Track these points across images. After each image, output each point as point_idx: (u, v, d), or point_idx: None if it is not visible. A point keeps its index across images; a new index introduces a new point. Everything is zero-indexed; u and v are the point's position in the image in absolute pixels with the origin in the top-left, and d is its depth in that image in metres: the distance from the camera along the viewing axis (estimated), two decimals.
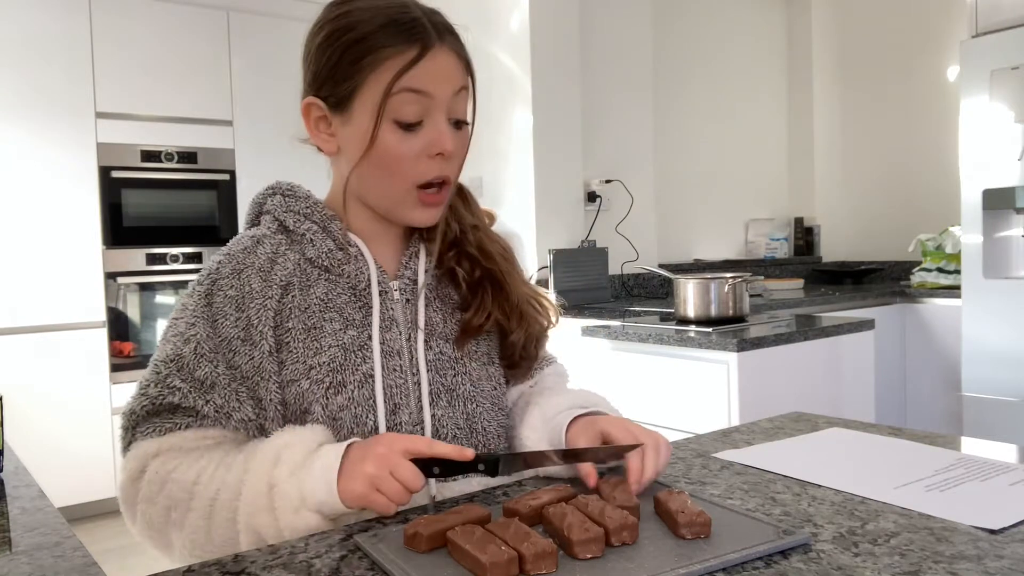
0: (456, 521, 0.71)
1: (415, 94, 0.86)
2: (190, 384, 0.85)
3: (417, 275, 0.96)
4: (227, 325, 0.87)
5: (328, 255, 0.91)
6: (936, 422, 3.23)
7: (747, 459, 0.99)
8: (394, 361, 0.91)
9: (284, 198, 0.95)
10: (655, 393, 2.29)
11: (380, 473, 0.77)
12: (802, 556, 0.68)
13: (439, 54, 0.87)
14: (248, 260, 0.90)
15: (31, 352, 3.32)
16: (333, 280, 0.92)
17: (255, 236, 0.93)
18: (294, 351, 0.88)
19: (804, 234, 4.29)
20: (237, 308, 0.87)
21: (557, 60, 3.07)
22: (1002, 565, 0.65)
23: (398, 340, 0.92)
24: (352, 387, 0.88)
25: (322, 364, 0.87)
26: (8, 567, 0.68)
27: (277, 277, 0.89)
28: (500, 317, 0.98)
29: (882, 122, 4.12)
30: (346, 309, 0.91)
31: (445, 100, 0.88)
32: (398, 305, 0.94)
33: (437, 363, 0.94)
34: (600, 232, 3.22)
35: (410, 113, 0.86)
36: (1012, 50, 2.73)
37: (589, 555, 0.67)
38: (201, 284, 0.90)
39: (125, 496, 0.86)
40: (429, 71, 0.86)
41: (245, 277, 0.89)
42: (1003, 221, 2.85)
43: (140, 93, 3.58)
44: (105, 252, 3.50)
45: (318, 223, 0.93)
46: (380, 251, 0.95)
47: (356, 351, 0.89)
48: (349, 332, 0.90)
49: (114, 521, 3.44)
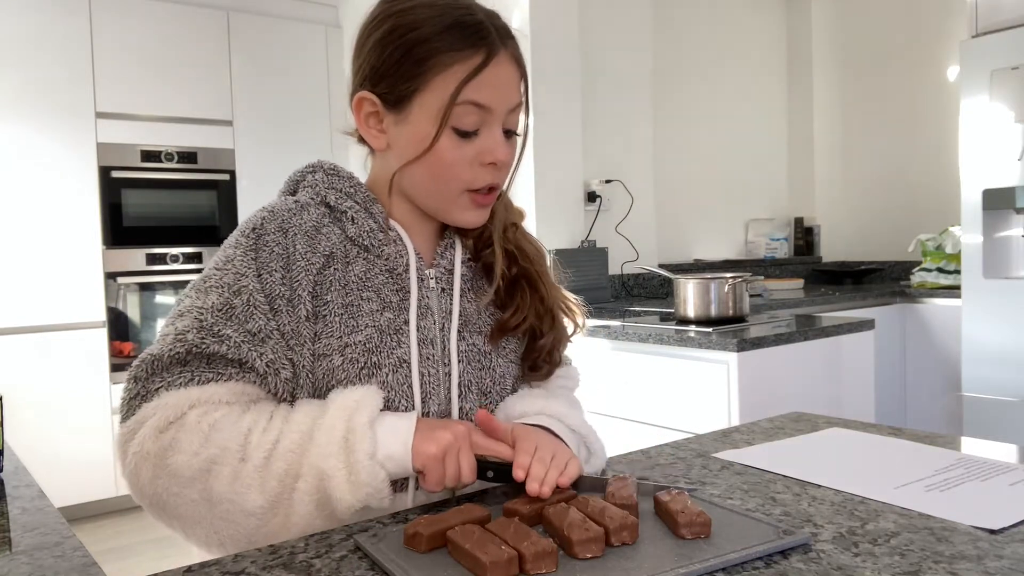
0: (456, 521, 0.71)
1: (476, 107, 0.86)
2: (242, 335, 0.81)
3: (453, 265, 0.96)
4: (273, 282, 0.85)
5: (369, 234, 0.91)
6: (936, 422, 3.23)
7: (747, 459, 0.99)
8: (427, 349, 0.90)
9: (327, 175, 0.94)
10: (655, 393, 2.29)
11: (454, 447, 0.80)
12: (802, 556, 0.68)
13: (502, 61, 0.88)
14: (294, 221, 0.88)
15: (31, 352, 3.32)
16: (372, 260, 0.91)
17: (299, 201, 0.91)
18: (330, 325, 0.86)
19: (804, 234, 4.29)
20: (283, 267, 0.85)
21: (557, 60, 3.07)
22: (1002, 565, 0.65)
23: (432, 329, 0.92)
24: (387, 371, 0.87)
25: (358, 343, 0.86)
26: (8, 567, 0.68)
27: (321, 246, 0.88)
28: (534, 320, 0.98)
29: (882, 122, 4.12)
30: (383, 290, 0.90)
31: (503, 114, 0.89)
32: (433, 294, 0.94)
33: (469, 355, 0.94)
34: (600, 232, 3.22)
35: (469, 123, 0.87)
36: (1012, 50, 2.73)
37: (589, 555, 0.67)
38: (247, 236, 0.87)
39: (146, 450, 0.76)
40: (492, 82, 0.87)
41: (291, 237, 0.87)
42: (1003, 221, 2.85)
43: (140, 93, 3.58)
44: (105, 252, 3.50)
45: (360, 203, 0.92)
46: (417, 241, 0.95)
47: (392, 334, 0.88)
48: (386, 314, 0.89)
49: (114, 521, 3.44)
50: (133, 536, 3.23)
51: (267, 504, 0.78)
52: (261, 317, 0.83)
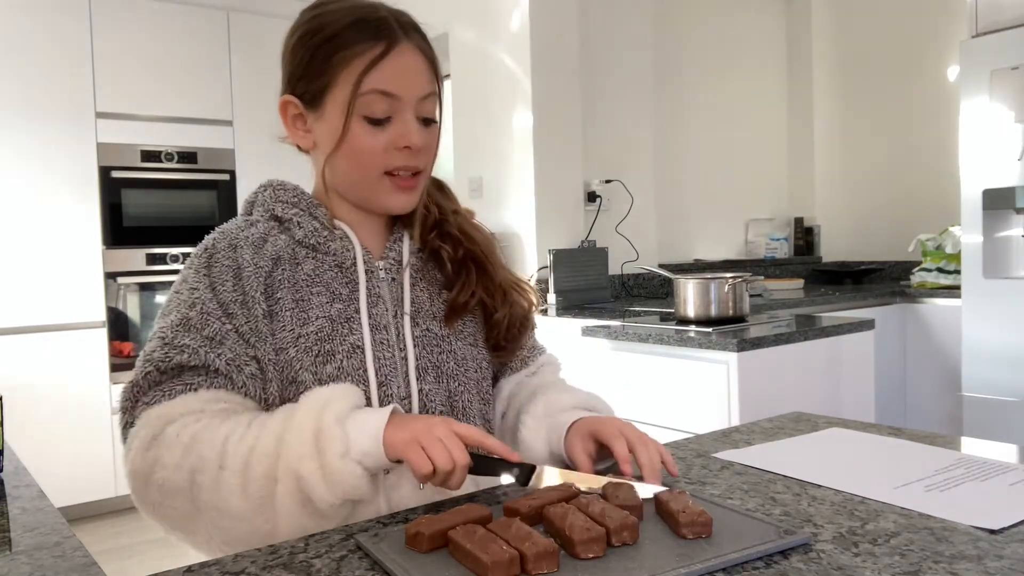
0: (457, 520, 0.71)
1: (383, 95, 0.91)
2: (199, 341, 0.87)
3: (402, 256, 1.00)
4: (225, 291, 0.90)
5: (314, 234, 0.96)
6: (936, 422, 3.23)
7: (747, 459, 0.99)
8: (381, 335, 0.95)
9: (274, 191, 1.00)
10: (655, 393, 2.29)
11: (429, 433, 0.80)
12: (802, 556, 0.68)
13: (404, 52, 0.92)
14: (242, 235, 0.95)
15: (31, 352, 3.32)
16: (320, 258, 0.96)
17: (248, 219, 0.99)
18: (283, 320, 0.91)
19: (804, 234, 4.29)
20: (234, 276, 0.91)
21: (557, 60, 3.07)
22: (1002, 565, 0.65)
23: (384, 316, 0.96)
24: (341, 356, 0.91)
25: (310, 334, 0.91)
26: (8, 567, 0.68)
27: (268, 251, 0.93)
28: (484, 296, 1.02)
29: (882, 122, 4.11)
30: (333, 284, 0.95)
31: (412, 101, 0.93)
32: (384, 284, 0.98)
33: (424, 340, 0.98)
34: (600, 232, 3.21)
35: (379, 111, 0.91)
36: (1012, 50, 2.73)
37: (591, 555, 0.67)
38: (199, 257, 0.94)
39: (136, 469, 0.82)
40: (396, 70, 0.91)
41: (239, 249, 0.93)
42: (1003, 221, 2.85)
43: (140, 93, 3.58)
44: (105, 252, 3.50)
45: (304, 209, 0.98)
46: (365, 238, 0.99)
47: (343, 323, 0.93)
48: (336, 305, 0.93)
49: (114, 521, 3.44)
50: (133, 536, 3.23)
51: (252, 508, 0.80)
52: (216, 322, 0.88)
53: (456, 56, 3.34)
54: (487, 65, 3.17)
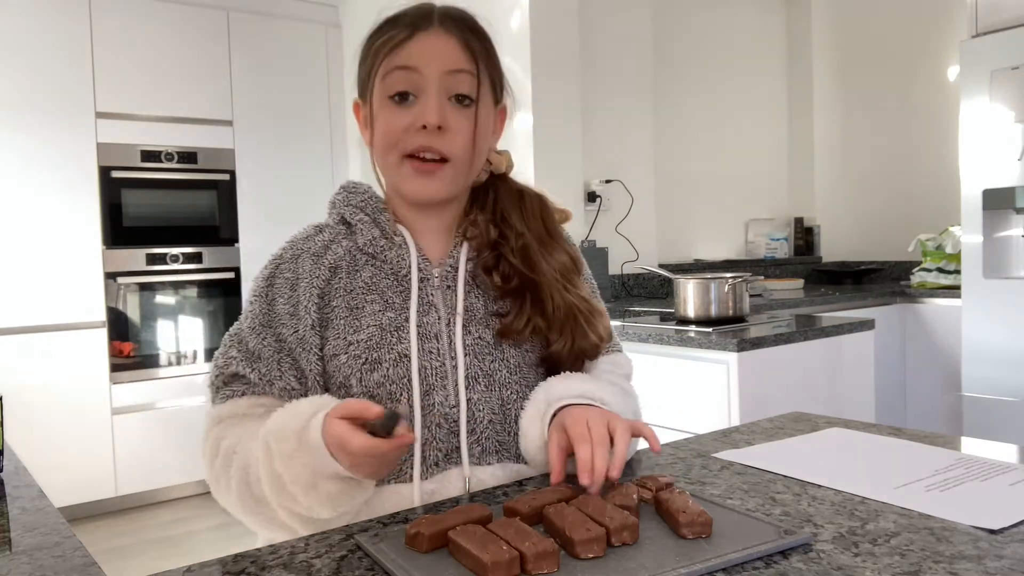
0: (457, 520, 0.71)
1: (403, 71, 0.91)
2: (243, 354, 0.95)
3: (459, 264, 0.99)
4: (281, 303, 0.95)
5: (373, 243, 0.98)
6: (936, 422, 3.22)
7: (747, 459, 0.99)
8: (431, 344, 0.95)
9: (347, 193, 1.02)
10: (655, 393, 2.29)
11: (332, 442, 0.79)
12: (802, 556, 0.68)
13: (432, 35, 0.92)
14: (306, 246, 0.99)
15: (31, 352, 3.32)
16: (378, 266, 0.98)
17: (318, 225, 1.02)
18: (336, 327, 0.94)
19: (804, 234, 4.29)
20: (291, 288, 0.96)
21: (557, 60, 3.07)
22: (1002, 565, 0.65)
23: (436, 324, 0.96)
24: (387, 365, 0.92)
25: (360, 341, 0.93)
26: (8, 567, 0.68)
27: (327, 260, 0.97)
28: (541, 324, 0.98)
29: (882, 122, 4.12)
30: (387, 292, 0.96)
31: (435, 77, 0.91)
32: (438, 291, 0.98)
33: (476, 348, 0.96)
34: (600, 232, 3.21)
35: (399, 85, 0.92)
36: (1012, 50, 2.73)
37: (591, 555, 0.67)
38: (267, 268, 1.00)
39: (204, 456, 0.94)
40: (418, 49, 0.92)
41: (300, 260, 0.97)
42: (1003, 221, 2.85)
43: (140, 93, 3.58)
44: (105, 252, 3.50)
45: (370, 214, 0.99)
46: (428, 243, 1.00)
47: (393, 331, 0.94)
48: (388, 314, 0.95)
49: (114, 521, 3.44)
50: (133, 536, 3.23)
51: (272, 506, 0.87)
52: (256, 337, 0.95)
53: None
54: None
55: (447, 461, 0.93)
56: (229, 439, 0.91)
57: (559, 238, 1.06)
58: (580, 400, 0.92)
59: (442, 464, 0.93)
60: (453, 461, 0.93)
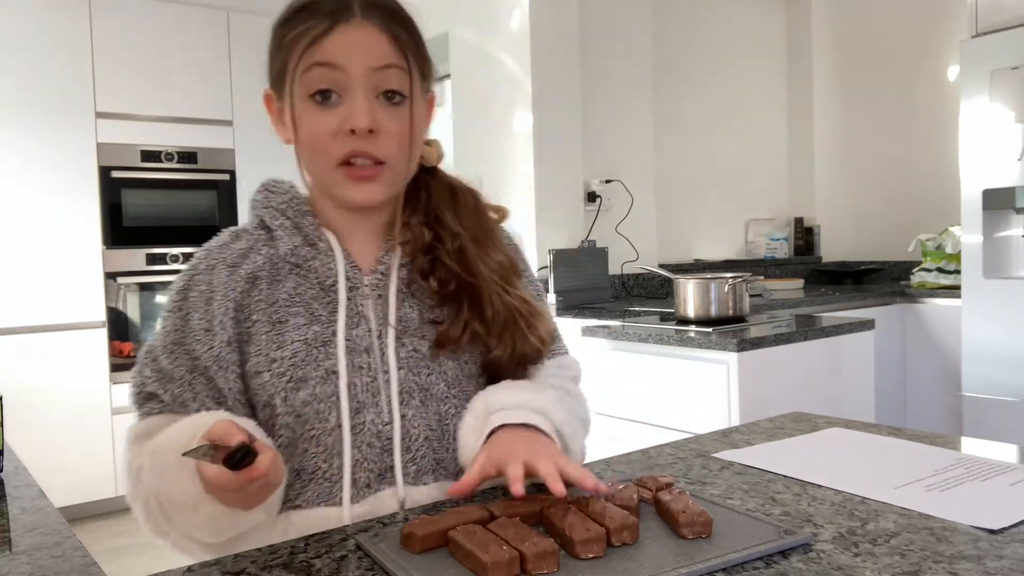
0: (453, 522, 0.71)
1: (326, 67, 0.84)
2: (156, 374, 0.89)
3: (391, 271, 0.93)
4: (196, 318, 0.88)
5: (295, 251, 0.91)
6: (936, 422, 3.22)
7: (747, 459, 0.99)
8: (361, 359, 0.89)
9: (267, 193, 0.95)
10: (655, 393, 2.29)
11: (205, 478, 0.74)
12: (802, 556, 0.68)
13: (355, 28, 0.84)
14: (221, 255, 0.92)
15: (31, 352, 3.32)
16: (302, 275, 0.91)
17: (235, 231, 0.95)
18: (257, 343, 0.88)
19: (804, 234, 4.29)
20: (206, 302, 0.89)
21: (557, 60, 3.06)
22: (1002, 565, 0.65)
23: (367, 337, 0.90)
24: (314, 383, 0.86)
25: (284, 358, 0.87)
26: (8, 567, 0.68)
27: (244, 271, 0.90)
28: (479, 329, 0.92)
29: (882, 122, 4.11)
30: (312, 304, 0.90)
31: (362, 74, 0.84)
32: (369, 301, 0.91)
33: (410, 361, 0.91)
34: (600, 232, 3.21)
35: (321, 84, 0.84)
36: (1012, 50, 2.73)
37: (591, 555, 0.67)
38: (180, 279, 0.93)
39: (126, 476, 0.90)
40: (340, 44, 0.84)
41: (216, 272, 0.90)
42: (1003, 221, 2.85)
43: (140, 93, 3.58)
44: (105, 252, 3.50)
45: (291, 218, 0.92)
46: (356, 247, 0.94)
47: (319, 347, 0.88)
48: (313, 327, 0.89)
49: (114, 521, 3.44)
50: (133, 536, 3.23)
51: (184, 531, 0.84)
52: (168, 356, 0.88)
53: (456, 56, 3.34)
54: (487, 65, 3.17)
55: (380, 482, 0.88)
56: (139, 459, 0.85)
57: (495, 236, 0.99)
58: (520, 409, 0.87)
59: (375, 485, 0.87)
60: (387, 481, 0.88)
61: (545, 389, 0.93)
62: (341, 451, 0.86)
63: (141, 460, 0.84)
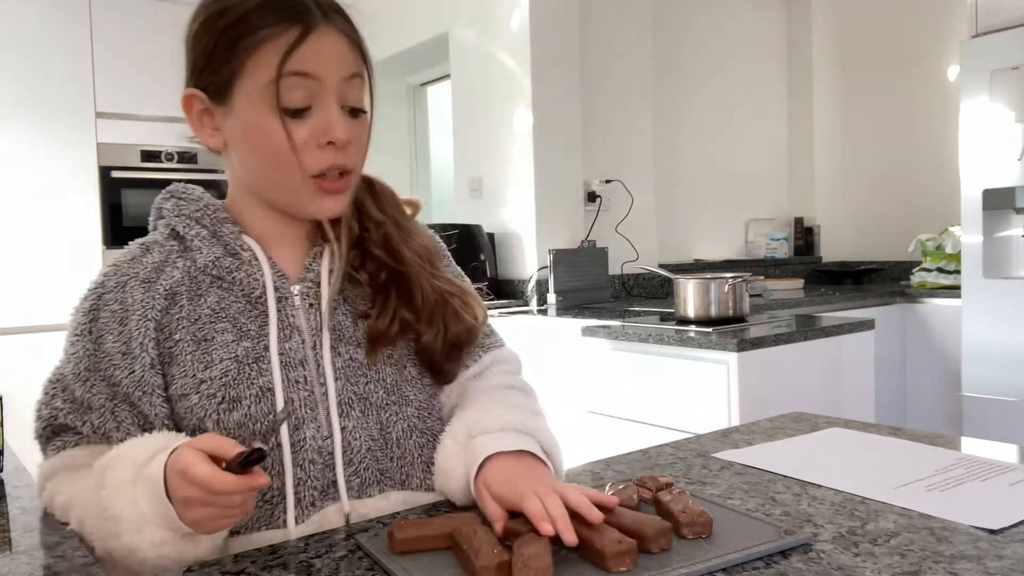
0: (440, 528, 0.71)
1: (301, 78, 0.80)
2: (70, 404, 0.84)
3: (320, 277, 0.89)
4: (110, 341, 0.83)
5: (216, 263, 0.86)
6: (936, 422, 3.22)
7: (747, 459, 0.99)
8: (297, 372, 0.85)
9: (178, 201, 0.90)
10: (655, 393, 2.29)
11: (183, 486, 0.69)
12: (802, 556, 0.68)
13: (325, 35, 0.81)
14: (133, 270, 0.86)
15: (31, 352, 3.31)
16: (226, 288, 0.86)
17: (145, 243, 0.90)
18: (182, 364, 0.82)
19: (804, 234, 4.29)
20: (120, 323, 0.83)
21: (557, 60, 3.06)
22: (1002, 565, 0.65)
23: (301, 349, 0.86)
24: (248, 402, 0.82)
25: (213, 378, 0.82)
26: (8, 567, 0.68)
27: (161, 287, 0.84)
28: (408, 317, 0.89)
29: (882, 122, 4.11)
30: (240, 319, 0.85)
31: (335, 84, 0.82)
32: (300, 311, 0.87)
33: (347, 370, 0.87)
34: (600, 232, 3.21)
35: (297, 98, 0.80)
36: (1012, 50, 2.73)
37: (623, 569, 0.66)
38: (86, 300, 0.86)
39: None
40: (315, 52, 0.80)
41: (128, 289, 0.85)
42: (1003, 221, 2.85)
43: (140, 93, 3.57)
44: (105, 252, 3.49)
45: (208, 227, 0.87)
46: (282, 254, 0.89)
47: (251, 364, 0.83)
48: (243, 343, 0.84)
49: None
50: None
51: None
52: (84, 385, 0.83)
53: (456, 56, 3.34)
54: (487, 65, 3.17)
55: (324, 498, 0.84)
56: (65, 494, 0.80)
57: (414, 223, 0.97)
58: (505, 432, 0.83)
59: (319, 503, 0.83)
60: (331, 497, 0.84)
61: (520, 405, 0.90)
62: (282, 471, 0.82)
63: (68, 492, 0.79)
